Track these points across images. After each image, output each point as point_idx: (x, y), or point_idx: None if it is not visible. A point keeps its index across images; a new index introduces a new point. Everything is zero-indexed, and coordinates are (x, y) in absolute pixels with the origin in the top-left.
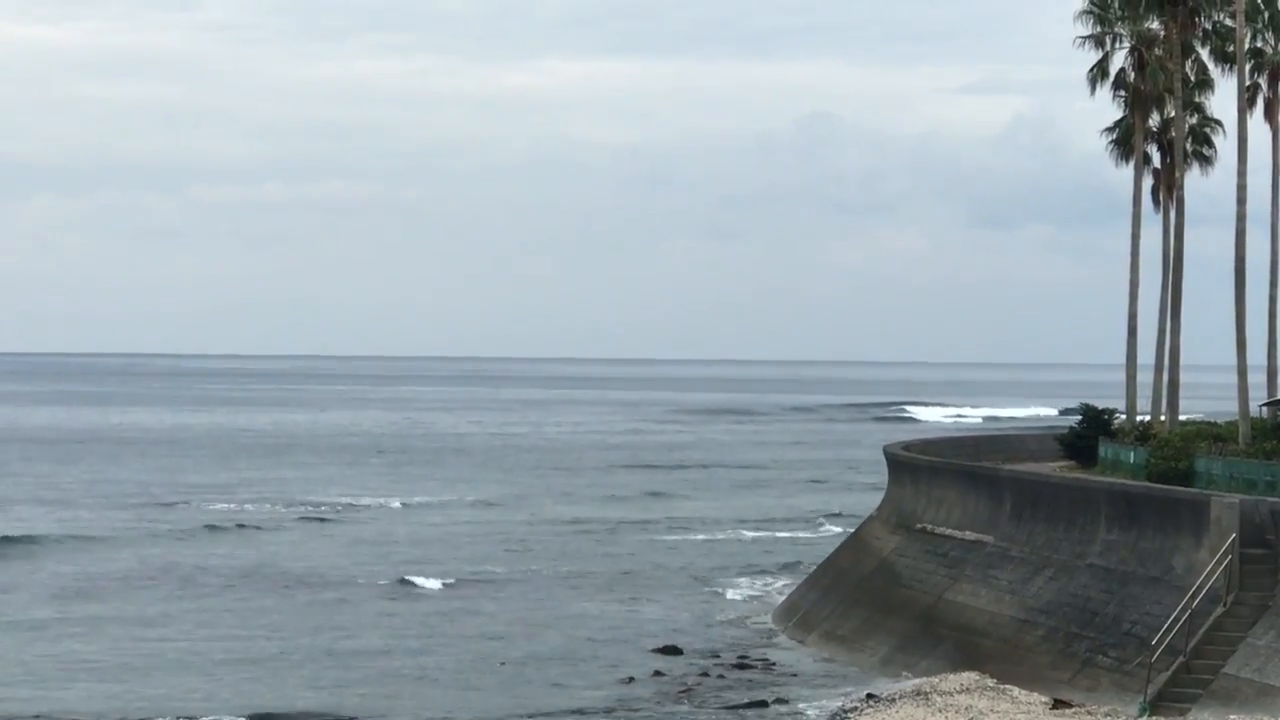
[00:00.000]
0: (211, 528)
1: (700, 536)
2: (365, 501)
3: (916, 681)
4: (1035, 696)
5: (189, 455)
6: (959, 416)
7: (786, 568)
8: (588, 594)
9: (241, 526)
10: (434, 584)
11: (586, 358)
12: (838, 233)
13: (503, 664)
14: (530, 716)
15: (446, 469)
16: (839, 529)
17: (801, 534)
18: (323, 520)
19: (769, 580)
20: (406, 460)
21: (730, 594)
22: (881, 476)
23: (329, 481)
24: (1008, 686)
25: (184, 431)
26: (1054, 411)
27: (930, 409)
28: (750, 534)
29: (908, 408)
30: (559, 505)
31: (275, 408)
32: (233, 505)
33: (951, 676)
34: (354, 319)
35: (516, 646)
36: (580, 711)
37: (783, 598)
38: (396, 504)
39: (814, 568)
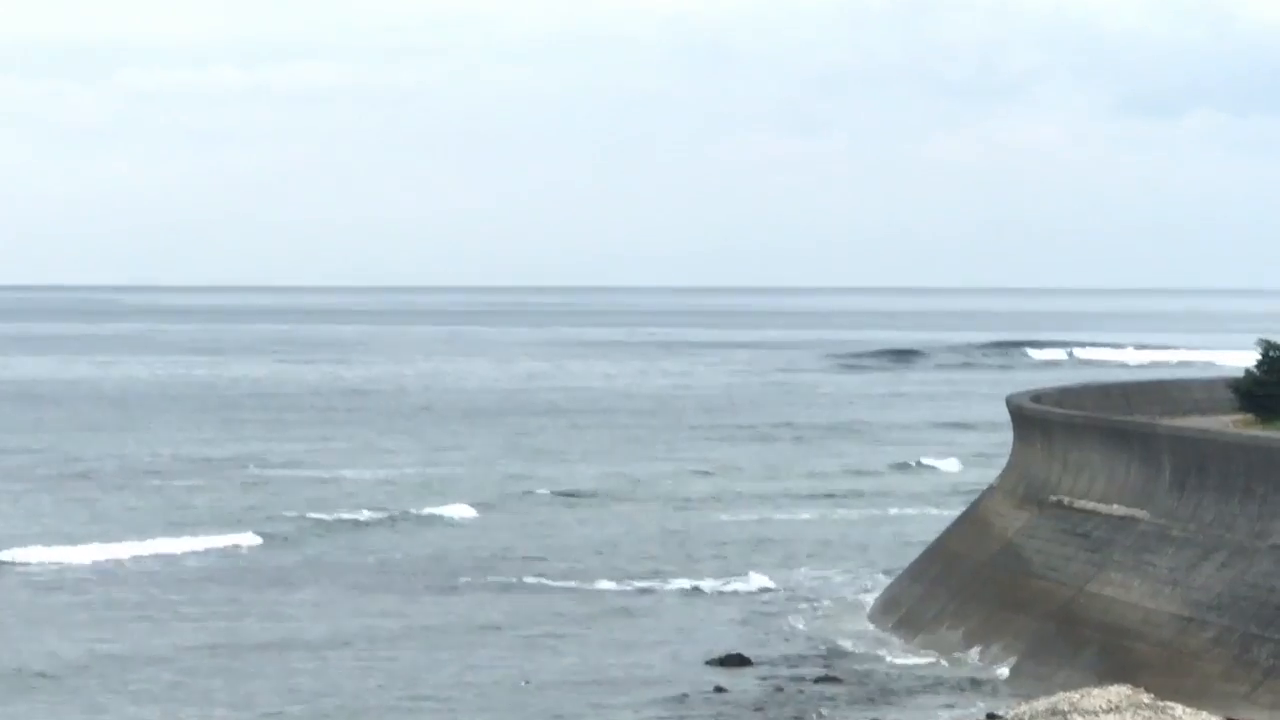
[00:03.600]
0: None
1: (781, 515)
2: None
3: (1052, 699)
4: (1204, 716)
5: (230, 414)
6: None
7: (885, 554)
8: (631, 588)
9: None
10: (432, 584)
11: (638, 286)
12: (949, 123)
13: (526, 682)
14: None
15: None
16: (941, 505)
17: (904, 510)
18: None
19: (863, 570)
20: (439, 421)
21: (813, 586)
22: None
23: (348, 452)
24: (1168, 704)
25: (188, 385)
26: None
27: (1099, 349)
28: (841, 512)
29: (1031, 349)
30: (611, 479)
31: (266, 356)
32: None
33: (1096, 691)
34: (330, 239)
35: (539, 657)
36: None
37: (879, 591)
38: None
39: (920, 553)
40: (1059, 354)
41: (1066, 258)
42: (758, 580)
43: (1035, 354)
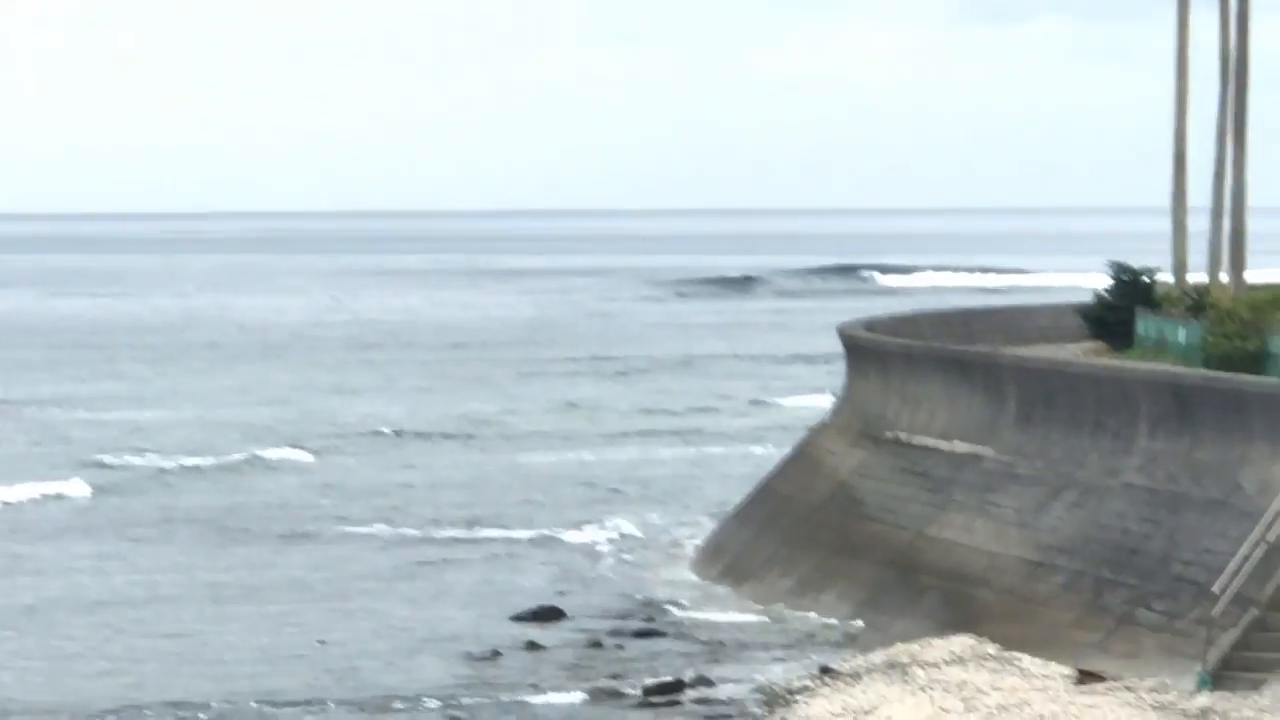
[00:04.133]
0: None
1: (602, 457)
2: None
3: (891, 650)
4: (1053, 667)
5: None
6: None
7: (713, 498)
8: (438, 537)
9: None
10: (237, 536)
11: (439, 210)
12: (773, 34)
13: (321, 642)
14: (359, 710)
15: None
16: (778, 444)
17: (732, 450)
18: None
19: (687, 515)
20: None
21: (634, 533)
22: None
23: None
24: (1015, 654)
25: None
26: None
27: (920, 274)
28: (666, 452)
29: (878, 274)
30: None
31: (35, 289)
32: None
33: (938, 641)
34: (101, 162)
35: (339, 615)
36: (426, 702)
37: (702, 537)
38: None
39: (745, 495)
40: (905, 279)
41: (906, 176)
42: (574, 528)
43: (881, 279)
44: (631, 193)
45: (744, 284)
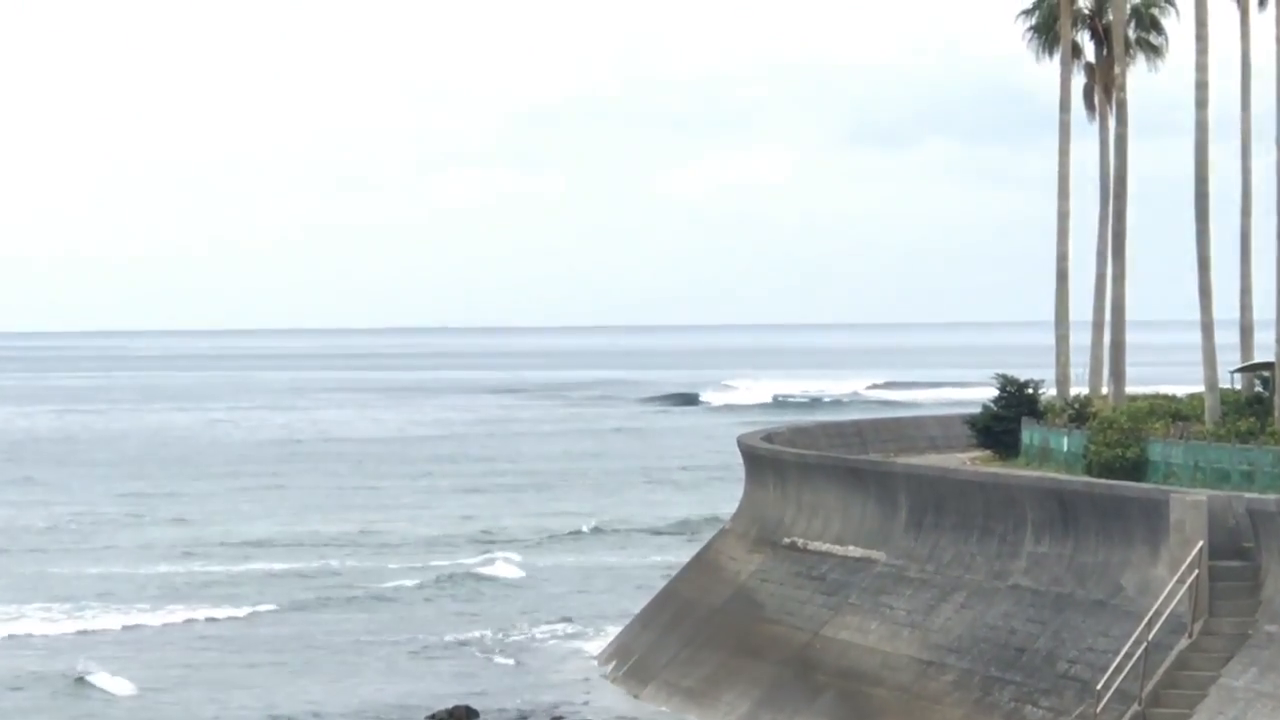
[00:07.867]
0: None
1: (496, 567)
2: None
3: None
4: None
5: None
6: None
7: (614, 603)
8: (344, 645)
9: None
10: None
11: (344, 328)
12: (674, 157)
13: None
14: None
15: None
16: (681, 551)
17: (635, 558)
18: None
19: (590, 619)
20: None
21: (539, 637)
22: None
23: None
24: None
25: None
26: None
27: (838, 383)
28: (567, 558)
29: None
30: (307, 526)
31: None
32: None
33: None
34: None
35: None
36: None
37: (609, 639)
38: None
39: (651, 599)
40: (795, 388)
41: (802, 291)
42: (481, 630)
43: (778, 391)
44: (531, 313)
45: (686, 400)
